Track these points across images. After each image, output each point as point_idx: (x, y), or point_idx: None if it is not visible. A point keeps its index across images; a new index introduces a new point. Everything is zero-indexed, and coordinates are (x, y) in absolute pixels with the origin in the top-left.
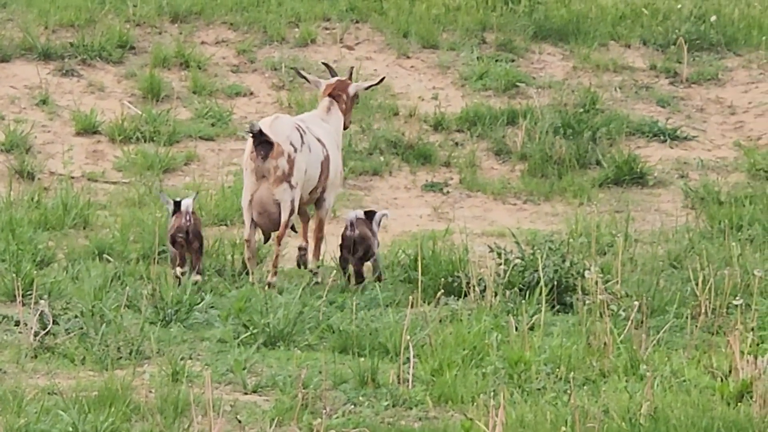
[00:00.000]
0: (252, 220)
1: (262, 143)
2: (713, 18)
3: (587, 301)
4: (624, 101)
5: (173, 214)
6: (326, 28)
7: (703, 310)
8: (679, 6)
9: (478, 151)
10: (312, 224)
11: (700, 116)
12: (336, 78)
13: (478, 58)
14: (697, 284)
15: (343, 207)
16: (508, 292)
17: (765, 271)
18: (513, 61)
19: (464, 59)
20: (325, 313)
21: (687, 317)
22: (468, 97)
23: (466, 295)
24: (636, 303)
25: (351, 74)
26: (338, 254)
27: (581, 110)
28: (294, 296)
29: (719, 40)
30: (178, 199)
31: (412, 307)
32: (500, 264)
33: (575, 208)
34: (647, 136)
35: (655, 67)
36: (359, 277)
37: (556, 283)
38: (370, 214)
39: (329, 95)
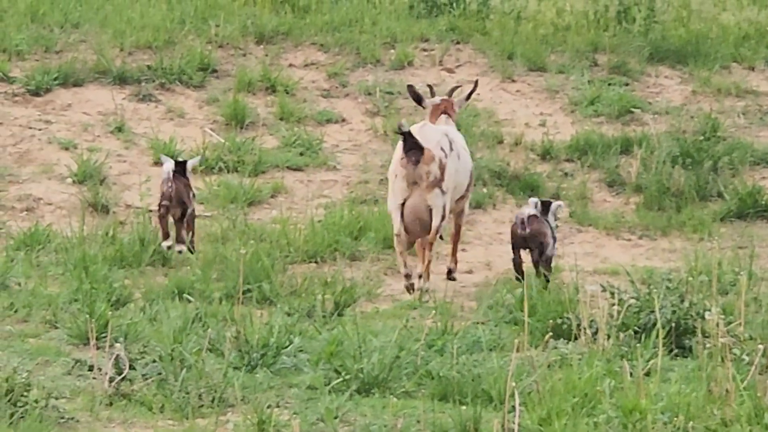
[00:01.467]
0: (401, 219)
1: (413, 149)
2: None
3: (708, 345)
4: (748, 128)
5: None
6: (424, 50)
7: None
8: None
9: (590, 182)
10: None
11: None
12: (441, 98)
13: (589, 81)
14: None
15: (442, 243)
16: (622, 335)
17: None
18: (627, 84)
19: (574, 83)
20: (424, 357)
21: None
22: (578, 124)
23: (576, 338)
24: (761, 346)
25: (452, 93)
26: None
27: (701, 138)
28: (390, 339)
29: None
30: (181, 159)
31: (517, 351)
32: (613, 304)
33: (695, 244)
34: None
35: None
36: (543, 276)
37: (674, 325)
38: (545, 205)
39: (443, 112)
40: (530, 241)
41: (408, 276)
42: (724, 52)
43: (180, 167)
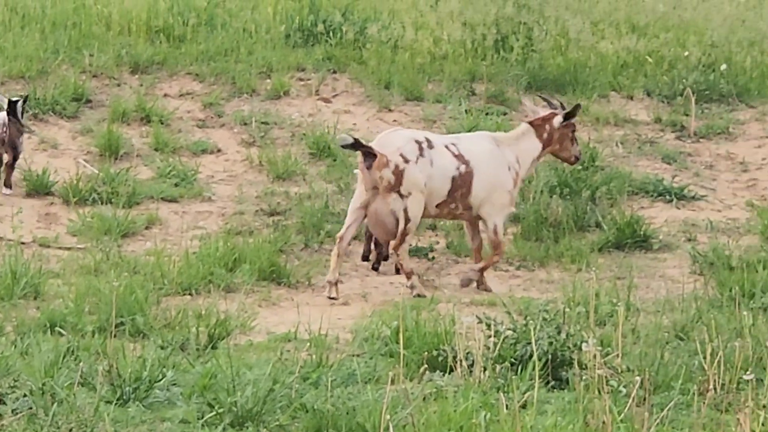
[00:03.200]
0: (353, 222)
1: (368, 154)
2: (723, 67)
3: (585, 377)
4: (626, 157)
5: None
6: (301, 79)
7: (711, 386)
8: (687, 54)
9: None
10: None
11: (709, 173)
12: (550, 111)
13: (466, 111)
14: (704, 357)
15: (318, 274)
16: (498, 367)
17: None
18: (505, 114)
19: (451, 112)
20: (298, 390)
21: (694, 393)
22: None
23: (452, 370)
24: (638, 378)
25: (563, 106)
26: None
27: (579, 168)
28: (264, 372)
29: (730, 91)
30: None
31: (393, 383)
32: (490, 336)
33: (573, 275)
34: (652, 196)
35: (660, 120)
36: None
37: (550, 356)
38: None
39: (529, 123)
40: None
41: (330, 282)
42: (603, 80)
43: (12, 108)
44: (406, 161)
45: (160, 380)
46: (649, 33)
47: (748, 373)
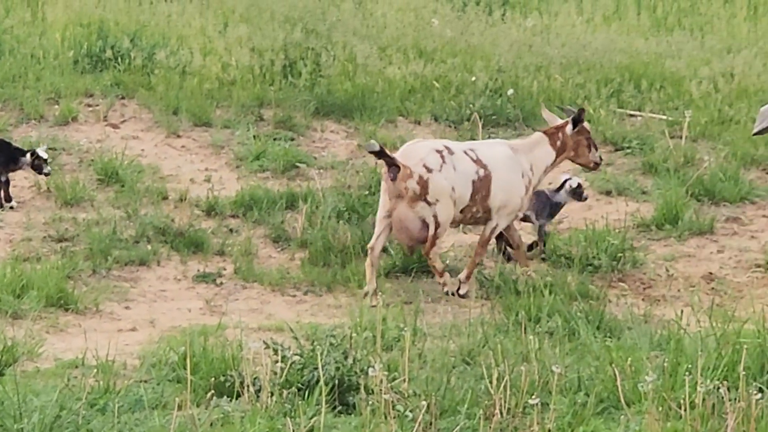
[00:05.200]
0: (381, 231)
1: (392, 165)
2: (510, 92)
3: (371, 401)
4: None
5: None
6: (89, 105)
7: (497, 410)
8: (474, 79)
9: (255, 238)
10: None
11: None
12: (560, 122)
13: (254, 136)
14: (491, 382)
15: (106, 300)
16: (285, 392)
17: (565, 367)
18: (293, 139)
19: (239, 138)
20: (85, 416)
21: (480, 418)
22: (243, 179)
23: (239, 396)
24: (424, 403)
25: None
26: None
27: (366, 193)
28: (51, 398)
29: (517, 115)
30: None
31: (180, 409)
32: (277, 361)
33: (360, 300)
34: None
35: None
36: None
37: (337, 381)
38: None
39: (543, 131)
40: None
41: (366, 294)
42: (390, 106)
43: None
44: (429, 171)
45: None
46: (436, 58)
47: (533, 397)
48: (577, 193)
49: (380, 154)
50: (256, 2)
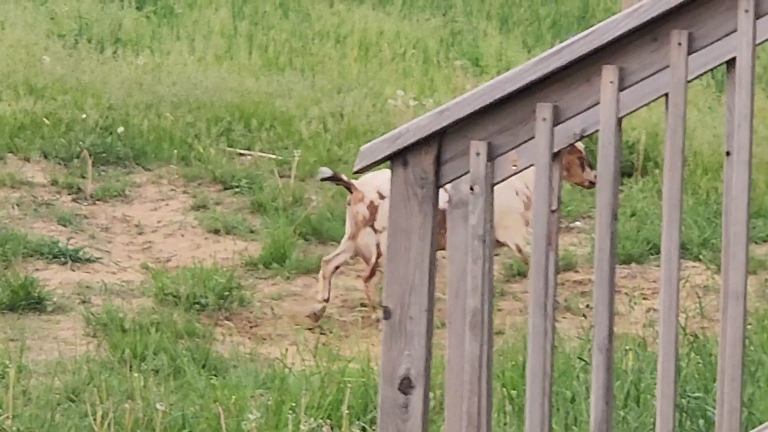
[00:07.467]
0: (341, 251)
1: (348, 189)
2: (120, 129)
3: None
4: (22, 219)
5: None
6: None
7: None
8: (84, 116)
9: None
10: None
11: (105, 236)
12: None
13: None
14: (95, 419)
15: None
16: None
17: (170, 405)
18: None
19: None
20: None
21: None
22: None
23: None
24: None
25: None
26: None
27: None
28: None
29: (127, 154)
30: None
31: None
32: None
33: None
34: (47, 258)
35: (56, 182)
36: None
37: None
38: None
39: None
40: None
41: (318, 302)
42: (0, 143)
43: None
44: (382, 197)
45: None
46: (47, 95)
47: None
48: None
49: (333, 179)
50: None
